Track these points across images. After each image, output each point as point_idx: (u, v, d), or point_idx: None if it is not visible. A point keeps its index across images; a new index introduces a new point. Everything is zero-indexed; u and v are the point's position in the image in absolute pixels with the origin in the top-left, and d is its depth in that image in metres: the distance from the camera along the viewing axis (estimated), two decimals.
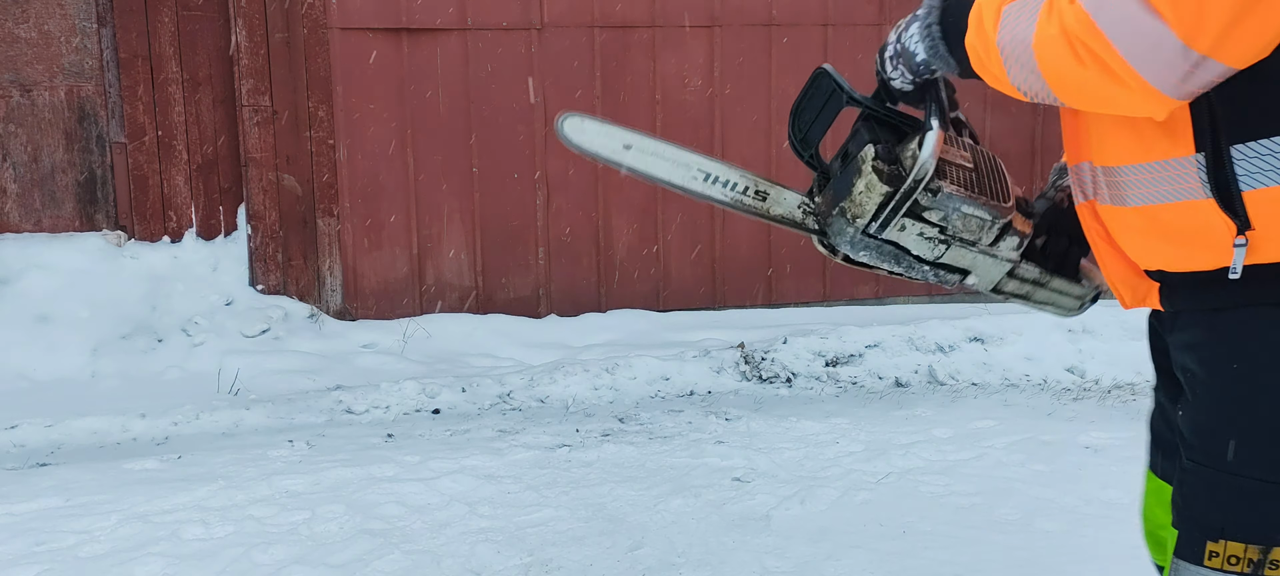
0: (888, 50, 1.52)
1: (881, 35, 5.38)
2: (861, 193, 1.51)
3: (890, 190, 1.48)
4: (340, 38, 4.93)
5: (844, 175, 1.57)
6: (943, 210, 1.49)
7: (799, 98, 1.66)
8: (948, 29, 1.38)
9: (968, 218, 1.50)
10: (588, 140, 1.75)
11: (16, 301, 4.65)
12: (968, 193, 1.50)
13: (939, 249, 1.53)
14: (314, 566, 2.61)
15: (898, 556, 2.66)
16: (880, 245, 1.53)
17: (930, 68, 1.44)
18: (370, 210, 5.08)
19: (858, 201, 1.51)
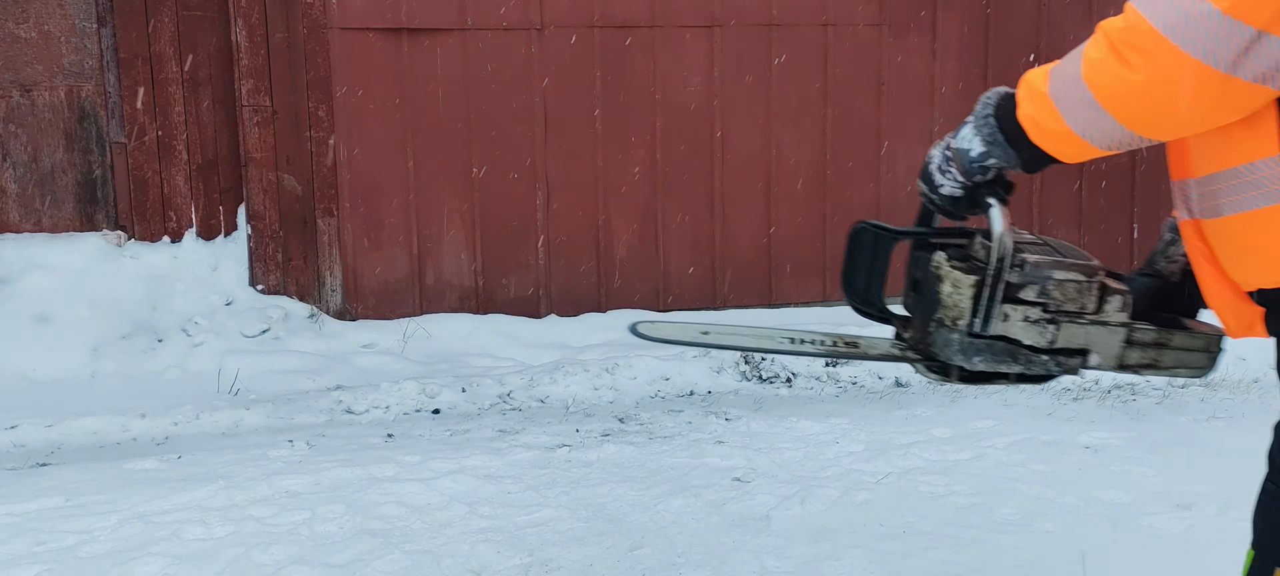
0: (933, 163, 1.48)
1: (881, 35, 5.41)
2: (950, 293, 1.47)
3: (978, 278, 1.45)
4: (340, 38, 4.93)
5: (925, 294, 1.53)
6: (1037, 282, 1.45)
7: (845, 264, 1.61)
8: (1002, 120, 1.35)
9: (1063, 284, 1.45)
10: (664, 333, 1.72)
11: (16, 301, 4.65)
12: (1054, 259, 1.47)
13: (1050, 331, 1.47)
14: (314, 566, 2.61)
15: (898, 556, 2.66)
16: (991, 344, 1.48)
17: (986, 162, 1.39)
18: (370, 210, 5.08)
19: (951, 304, 1.47)
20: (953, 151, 1.42)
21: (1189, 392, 4.18)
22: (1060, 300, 1.45)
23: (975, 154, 1.39)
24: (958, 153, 1.41)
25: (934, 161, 1.47)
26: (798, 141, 5.37)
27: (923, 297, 1.54)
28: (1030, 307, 1.46)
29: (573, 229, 5.26)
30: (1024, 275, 1.44)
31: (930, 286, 1.51)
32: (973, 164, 1.40)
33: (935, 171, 1.46)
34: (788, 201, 5.41)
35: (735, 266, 5.43)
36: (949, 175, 1.44)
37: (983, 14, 5.45)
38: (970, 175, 1.41)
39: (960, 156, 1.41)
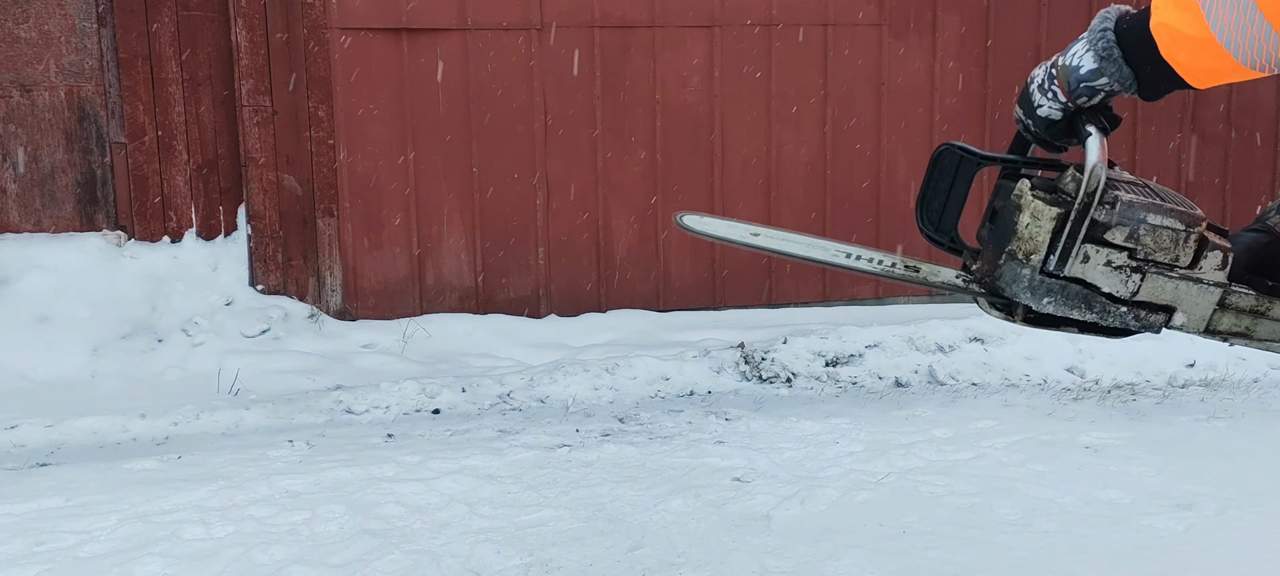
0: (1034, 82, 1.35)
1: (881, 35, 5.41)
2: (1029, 225, 1.33)
3: (1062, 211, 1.32)
4: (340, 38, 4.93)
5: (1001, 222, 1.39)
6: (1127, 225, 1.31)
7: (923, 186, 1.50)
8: (1124, 33, 1.21)
9: (1157, 231, 1.31)
10: (712, 228, 1.65)
11: (16, 301, 4.65)
12: (1151, 199, 1.33)
13: (1134, 281, 1.33)
14: (314, 566, 2.61)
15: (898, 556, 2.66)
16: (1064, 286, 1.35)
17: (1097, 82, 1.26)
18: (370, 210, 5.09)
19: (1027, 237, 1.34)
20: (1058, 69, 1.29)
21: (1189, 392, 4.18)
22: (1151, 248, 1.32)
23: (1085, 70, 1.25)
24: (1064, 70, 1.28)
25: (1036, 81, 1.34)
26: (798, 141, 5.37)
27: (998, 227, 1.40)
28: (1115, 251, 1.33)
29: (573, 229, 5.26)
30: (1114, 214, 1.31)
31: (1008, 216, 1.37)
32: (1081, 83, 1.26)
33: (1035, 91, 1.33)
34: (788, 201, 5.41)
35: (735, 266, 5.43)
36: (1050, 94, 1.31)
37: (983, 14, 5.45)
38: (1075, 95, 1.28)
39: (1067, 74, 1.27)
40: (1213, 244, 1.33)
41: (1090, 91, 1.26)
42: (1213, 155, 5.73)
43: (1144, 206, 1.31)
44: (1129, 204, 1.31)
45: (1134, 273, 1.33)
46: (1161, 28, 1.13)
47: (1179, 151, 5.71)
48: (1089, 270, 1.34)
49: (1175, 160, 5.67)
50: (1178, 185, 5.65)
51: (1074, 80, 1.26)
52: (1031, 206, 1.34)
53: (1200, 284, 1.34)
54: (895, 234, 5.46)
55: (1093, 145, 1.30)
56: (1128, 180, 1.37)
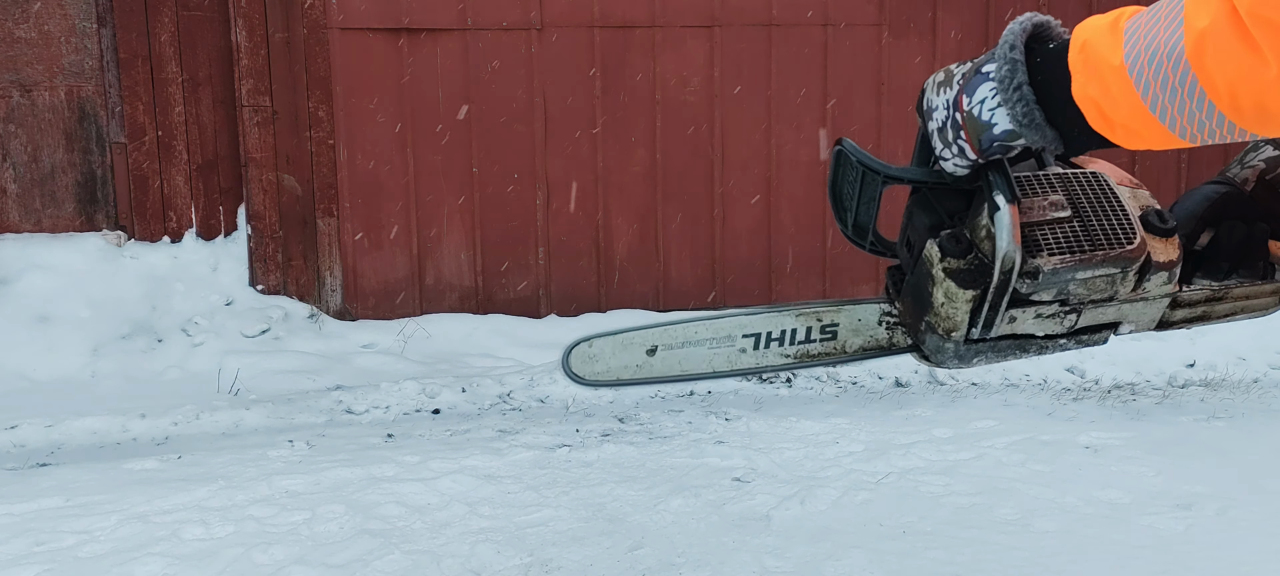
0: (934, 119, 1.14)
1: (881, 35, 5.41)
2: (943, 304, 1.21)
3: (977, 293, 1.18)
4: (340, 38, 4.93)
5: (916, 278, 1.26)
6: (1054, 287, 1.18)
7: (831, 178, 1.34)
8: (1042, 90, 1.02)
9: (1090, 281, 1.19)
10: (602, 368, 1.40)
11: (16, 301, 4.65)
12: (1079, 255, 1.17)
13: (1070, 319, 1.23)
14: (314, 566, 2.61)
15: (898, 556, 2.66)
16: (995, 344, 1.24)
17: (1014, 142, 1.08)
18: (370, 210, 5.08)
19: (944, 315, 1.22)
20: (965, 118, 1.09)
21: (1189, 392, 4.18)
22: (1085, 295, 1.21)
23: (1000, 131, 1.06)
24: (973, 123, 1.08)
25: (935, 117, 1.14)
26: (798, 141, 5.37)
27: (915, 284, 1.27)
28: (1045, 305, 1.21)
29: (573, 229, 5.26)
30: (1036, 284, 1.17)
31: (923, 281, 1.25)
32: (994, 143, 1.08)
33: (936, 136, 1.14)
34: (788, 201, 5.41)
35: (735, 266, 5.42)
36: (955, 148, 1.12)
37: (983, 14, 5.45)
38: (987, 154, 1.10)
39: (976, 128, 1.08)
40: (1157, 265, 1.21)
41: (1006, 150, 1.10)
42: (1211, 153, 5.73)
43: (1071, 265, 1.17)
44: (1052, 271, 1.17)
45: (1069, 313, 1.23)
46: (1089, 103, 0.96)
47: (1177, 150, 5.71)
48: (1019, 326, 1.22)
49: (1174, 159, 5.67)
50: (1176, 180, 5.66)
51: (986, 140, 1.08)
52: (943, 286, 1.20)
53: (1146, 300, 1.24)
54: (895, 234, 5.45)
55: (1002, 225, 1.14)
56: (1054, 218, 1.20)
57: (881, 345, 1.37)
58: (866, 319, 1.36)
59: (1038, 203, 1.21)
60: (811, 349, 1.37)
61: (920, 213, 1.26)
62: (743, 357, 1.37)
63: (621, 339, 1.39)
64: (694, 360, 1.38)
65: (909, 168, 1.24)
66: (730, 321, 1.37)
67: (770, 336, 1.36)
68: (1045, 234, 1.19)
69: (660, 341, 1.38)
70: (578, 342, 1.40)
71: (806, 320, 1.36)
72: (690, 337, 1.38)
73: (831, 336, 1.37)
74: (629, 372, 1.39)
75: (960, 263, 1.20)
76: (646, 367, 1.38)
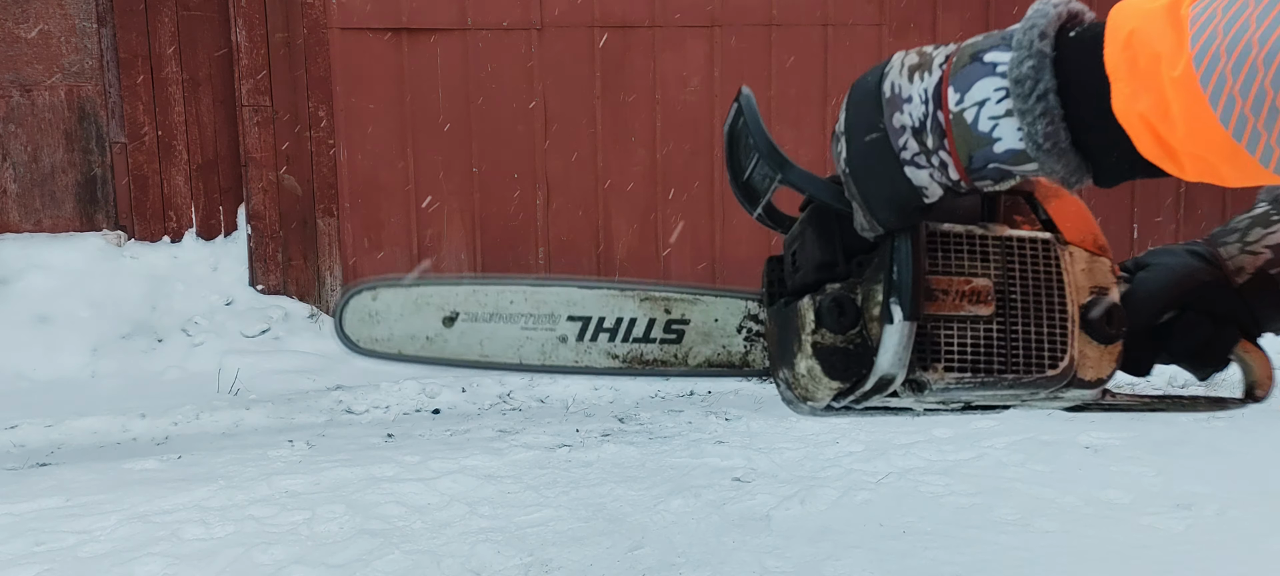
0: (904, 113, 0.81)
1: (881, 35, 5.41)
2: (805, 376, 0.97)
3: (843, 386, 0.96)
4: (340, 38, 4.93)
5: (785, 320, 1.02)
6: (942, 398, 0.96)
7: (728, 122, 1.05)
8: (1066, 93, 0.72)
9: (990, 397, 0.96)
10: (383, 333, 1.12)
11: (16, 301, 4.65)
12: (981, 376, 0.92)
13: (957, 407, 1.02)
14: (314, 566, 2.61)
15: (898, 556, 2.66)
16: (863, 412, 1.03)
17: (1018, 167, 0.77)
18: (370, 210, 5.08)
19: (803, 387, 0.99)
20: (951, 120, 0.77)
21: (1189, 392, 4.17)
22: (981, 400, 0.99)
23: (1004, 150, 0.76)
24: (962, 131, 0.77)
25: (906, 111, 0.80)
26: (798, 141, 5.37)
27: (781, 326, 1.03)
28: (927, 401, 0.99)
29: (573, 229, 5.26)
30: (921, 399, 0.95)
31: (788, 332, 1.01)
32: (990, 165, 0.78)
33: (905, 135, 0.81)
34: (788, 201, 5.40)
35: (735, 266, 5.42)
36: (937, 160, 0.80)
37: (983, 14, 5.45)
38: (975, 176, 0.79)
39: (967, 139, 0.77)
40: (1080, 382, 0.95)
41: (1001, 176, 0.79)
42: None
43: (969, 385, 0.92)
44: (943, 388, 0.92)
45: (959, 407, 1.01)
46: (1140, 122, 0.68)
47: None
48: (894, 404, 0.99)
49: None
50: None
51: (980, 158, 0.77)
52: (807, 361, 0.96)
53: (1059, 401, 1.00)
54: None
55: (889, 339, 0.89)
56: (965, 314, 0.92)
57: (731, 363, 1.12)
58: (725, 321, 1.11)
59: (954, 287, 0.92)
60: (647, 352, 1.10)
61: (814, 237, 1.00)
62: (560, 349, 1.12)
63: (417, 295, 1.11)
64: (499, 342, 1.11)
65: (820, 179, 0.97)
66: (557, 293, 1.11)
67: (602, 324, 1.11)
68: (950, 334, 0.92)
69: (464, 307, 1.11)
70: (359, 289, 1.12)
71: (652, 309, 1.11)
72: (502, 308, 1.11)
73: (676, 338, 1.11)
74: (414, 346, 1.11)
75: (836, 340, 0.95)
76: (439, 343, 1.11)
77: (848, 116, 0.86)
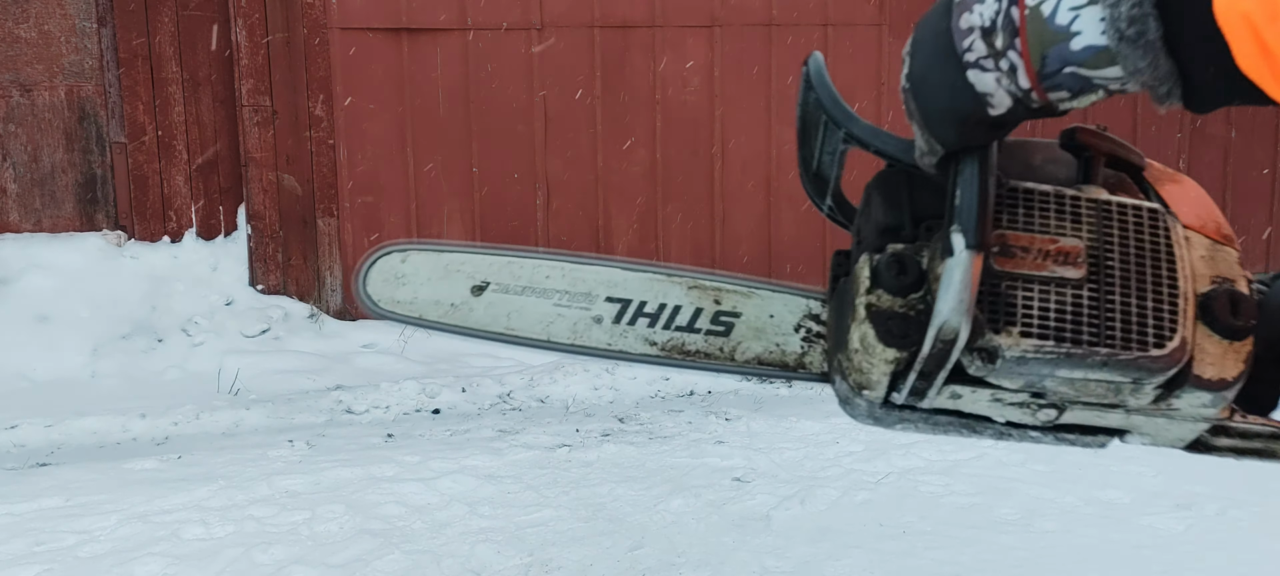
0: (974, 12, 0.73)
1: (881, 35, 5.42)
2: (857, 352, 0.86)
3: (902, 356, 0.84)
4: (340, 38, 4.93)
5: (841, 295, 0.94)
6: (1021, 378, 0.82)
7: (799, 102, 0.98)
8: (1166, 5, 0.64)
9: (1080, 383, 0.82)
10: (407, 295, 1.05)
11: (16, 301, 4.65)
12: (1065, 346, 0.80)
13: (1046, 414, 0.88)
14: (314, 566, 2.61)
15: (898, 556, 2.66)
16: (929, 416, 0.91)
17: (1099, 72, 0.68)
18: (370, 210, 5.09)
19: (856, 365, 0.87)
20: (1026, 16, 0.69)
21: None
22: (1069, 396, 0.85)
23: (1082, 47, 0.67)
24: (1037, 26, 0.68)
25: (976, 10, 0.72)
26: None
27: (837, 306, 0.95)
28: (1005, 392, 0.86)
29: (573, 229, 5.26)
30: (992, 369, 0.81)
31: (844, 305, 0.91)
32: (1068, 65, 0.68)
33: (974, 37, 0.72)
34: (788, 201, 5.41)
35: (735, 266, 5.42)
36: (1006, 63, 0.71)
37: None
38: (1047, 84, 0.70)
39: (1042, 36, 0.69)
40: (1200, 381, 0.82)
41: (1079, 86, 0.69)
42: (1212, 155, 5.73)
43: (1050, 357, 0.80)
44: (1018, 359, 0.80)
45: (1047, 408, 0.87)
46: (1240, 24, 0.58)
47: (1178, 152, 5.71)
48: (966, 405, 0.88)
49: (1173, 163, 5.67)
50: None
51: (1055, 57, 0.68)
52: (861, 328, 0.85)
53: (1172, 419, 0.87)
54: None
55: (951, 275, 0.78)
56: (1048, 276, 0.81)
57: (784, 363, 1.02)
58: (782, 318, 1.02)
59: (1036, 244, 0.82)
60: (689, 342, 1.02)
61: (880, 201, 0.91)
62: (593, 331, 1.02)
63: (447, 260, 1.05)
64: (528, 317, 1.03)
65: (888, 134, 0.90)
66: (596, 272, 1.03)
67: (642, 309, 1.02)
68: (1030, 296, 0.81)
69: (496, 276, 1.03)
70: (388, 249, 1.07)
71: (700, 297, 1.01)
72: (535, 281, 1.03)
73: (724, 330, 1.03)
74: (438, 313, 1.04)
75: (893, 302, 0.85)
76: (464, 311, 1.04)
77: (916, 33, 0.79)
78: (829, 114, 0.93)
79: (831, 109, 0.93)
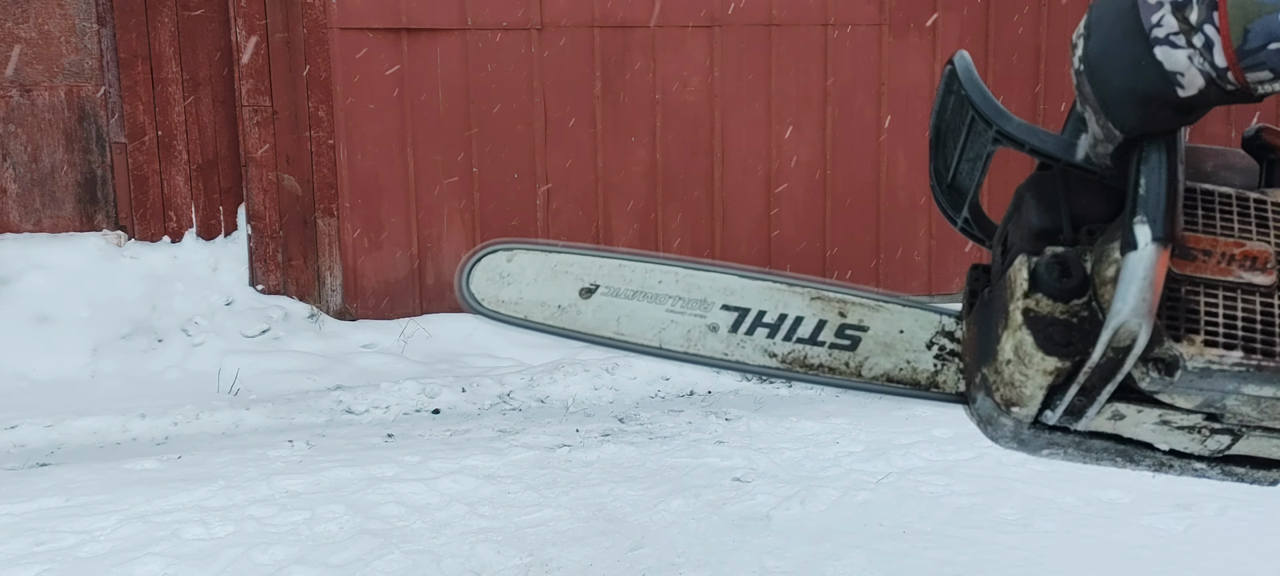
0: None
1: (881, 35, 5.42)
2: (1010, 363, 0.78)
3: (1064, 366, 0.76)
4: (340, 38, 4.93)
5: (990, 303, 0.86)
6: (1202, 394, 0.75)
7: (936, 108, 0.92)
8: None
9: (1269, 404, 0.75)
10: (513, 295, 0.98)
11: (16, 301, 4.65)
12: (1257, 359, 0.72)
13: (1219, 441, 0.82)
14: (314, 566, 2.61)
15: (898, 556, 2.66)
16: (1082, 440, 0.84)
17: None
18: (370, 210, 5.08)
19: (1008, 377, 0.79)
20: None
21: None
22: (1254, 419, 0.78)
23: None
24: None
25: None
26: (798, 141, 5.37)
27: (984, 316, 0.86)
28: (1177, 413, 0.78)
29: (573, 228, 5.26)
30: (1169, 383, 0.73)
31: (993, 313, 0.83)
32: (1272, 41, 0.60)
33: (1165, 11, 0.64)
34: (788, 201, 5.41)
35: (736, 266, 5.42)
36: (1201, 38, 0.62)
37: (983, 14, 5.45)
38: (1246, 60, 0.62)
39: (1246, 8, 0.60)
40: None
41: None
42: None
43: (1239, 371, 0.72)
44: (1202, 371, 0.72)
45: (1221, 433, 0.81)
46: None
47: None
48: (1127, 427, 0.81)
49: None
50: None
51: (1262, 30, 0.59)
52: (1017, 335, 0.77)
53: None
54: (896, 235, 5.46)
55: (1134, 271, 0.69)
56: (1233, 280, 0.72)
57: (915, 381, 0.95)
58: (913, 334, 0.96)
59: (1219, 248, 0.74)
60: (812, 355, 0.95)
61: (1034, 204, 0.83)
62: (708, 338, 0.96)
63: (555, 262, 1.00)
64: (640, 322, 0.97)
65: (1044, 132, 0.82)
66: (712, 278, 0.98)
67: (761, 318, 0.96)
68: (1214, 302, 0.73)
69: (605, 280, 0.98)
70: (494, 248, 1.01)
71: (824, 309, 0.95)
72: (648, 286, 0.98)
73: (850, 344, 0.95)
74: (545, 315, 0.98)
75: (1054, 307, 0.77)
76: (572, 313, 0.98)
77: (1092, 11, 0.71)
78: (979, 111, 0.87)
79: (983, 106, 0.87)
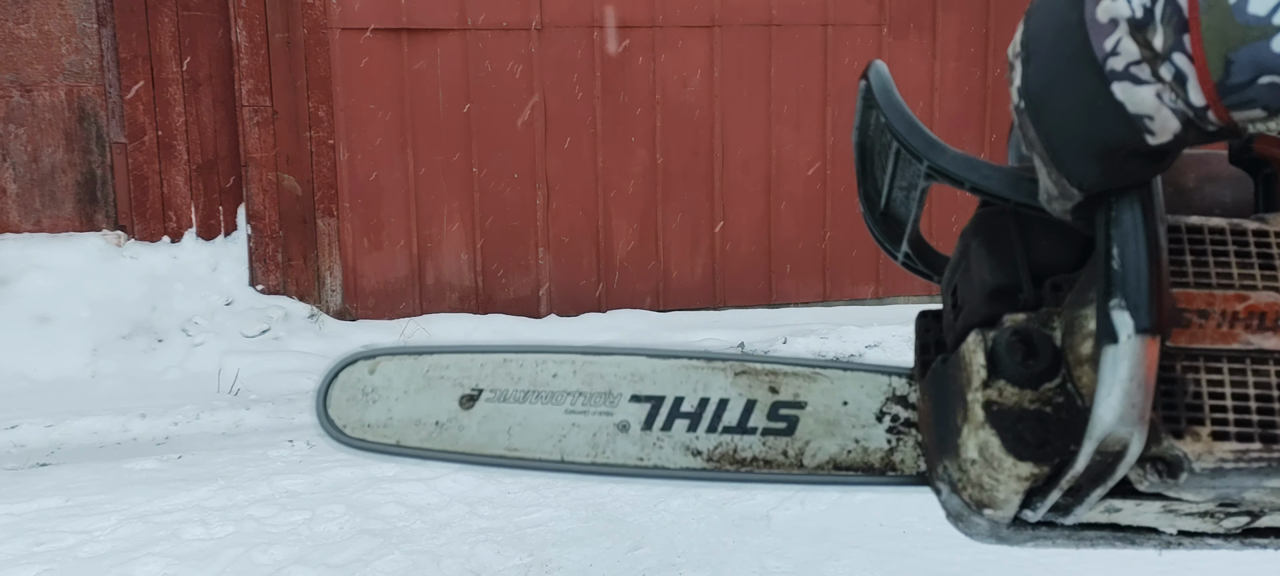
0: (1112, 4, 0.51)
1: (881, 35, 5.42)
2: (978, 464, 0.66)
3: (1041, 471, 0.65)
4: (340, 38, 4.93)
5: (944, 381, 0.72)
6: (1212, 491, 0.62)
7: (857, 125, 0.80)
8: None
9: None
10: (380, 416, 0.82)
11: (16, 301, 4.65)
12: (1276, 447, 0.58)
13: (1236, 521, 0.72)
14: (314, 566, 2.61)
15: (898, 556, 2.66)
16: (1074, 532, 0.77)
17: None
18: (370, 210, 5.08)
19: (974, 478, 0.68)
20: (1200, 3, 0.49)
21: None
22: (1268, 504, 0.66)
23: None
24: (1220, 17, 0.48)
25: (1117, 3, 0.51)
26: (798, 141, 5.37)
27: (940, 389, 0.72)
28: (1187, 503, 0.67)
29: (573, 229, 5.26)
30: (1174, 484, 0.61)
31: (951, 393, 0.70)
32: (1262, 74, 0.48)
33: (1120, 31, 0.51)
34: (788, 201, 5.41)
35: (735, 266, 5.42)
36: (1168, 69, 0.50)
37: (983, 14, 5.45)
38: (1233, 99, 0.50)
39: (1226, 33, 0.48)
40: None
41: (1276, 101, 0.49)
42: None
43: (1257, 464, 0.58)
44: (1214, 469, 0.58)
45: (1239, 515, 0.70)
46: None
47: None
48: (1125, 518, 0.72)
49: None
50: None
51: (1248, 61, 0.48)
52: (979, 434, 0.64)
53: None
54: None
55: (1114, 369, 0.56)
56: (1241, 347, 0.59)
57: (868, 465, 0.82)
58: (858, 405, 0.81)
59: (1217, 305, 0.59)
60: (743, 447, 0.78)
61: (984, 255, 0.68)
62: (619, 442, 0.79)
63: (427, 366, 0.81)
64: (534, 431, 0.80)
65: (987, 165, 0.66)
66: (616, 365, 0.80)
67: (679, 406, 0.79)
68: (1219, 378, 0.59)
69: (489, 382, 0.81)
70: (354, 358, 0.83)
71: (751, 386, 0.79)
72: (540, 383, 0.81)
73: (787, 427, 0.79)
74: (420, 436, 0.81)
75: (1022, 396, 0.64)
76: (453, 431, 0.81)
77: (1028, 23, 0.56)
78: (903, 142, 0.71)
79: (907, 135, 0.72)
